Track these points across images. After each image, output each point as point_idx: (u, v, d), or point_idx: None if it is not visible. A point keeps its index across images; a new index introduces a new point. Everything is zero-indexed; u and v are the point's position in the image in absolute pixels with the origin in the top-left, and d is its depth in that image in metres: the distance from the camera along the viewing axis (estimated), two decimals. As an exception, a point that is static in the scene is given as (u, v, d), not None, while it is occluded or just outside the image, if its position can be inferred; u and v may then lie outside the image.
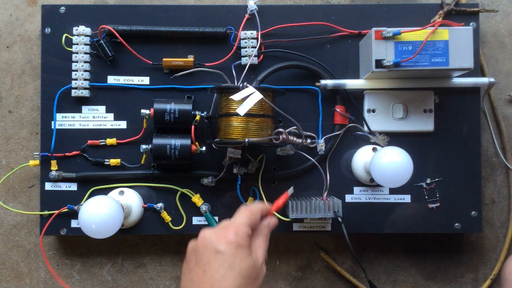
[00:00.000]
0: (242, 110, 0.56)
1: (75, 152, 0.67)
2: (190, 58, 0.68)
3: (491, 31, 0.73)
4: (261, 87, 0.61)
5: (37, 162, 0.67)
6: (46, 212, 0.67)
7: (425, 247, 0.72)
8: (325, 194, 0.64)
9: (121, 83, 0.68)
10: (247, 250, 0.45)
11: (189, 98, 0.68)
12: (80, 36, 0.67)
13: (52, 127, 0.67)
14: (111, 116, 0.68)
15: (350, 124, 0.67)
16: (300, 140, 0.63)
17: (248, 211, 0.49)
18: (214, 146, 0.65)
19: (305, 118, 0.67)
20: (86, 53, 0.67)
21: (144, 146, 0.64)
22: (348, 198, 0.68)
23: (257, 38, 0.67)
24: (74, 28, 0.67)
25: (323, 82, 0.66)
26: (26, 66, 0.72)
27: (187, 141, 0.63)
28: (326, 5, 0.72)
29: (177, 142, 0.63)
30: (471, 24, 0.68)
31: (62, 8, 0.68)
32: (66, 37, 0.67)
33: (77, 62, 0.67)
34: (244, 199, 0.66)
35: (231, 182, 0.66)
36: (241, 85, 0.59)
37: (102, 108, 0.68)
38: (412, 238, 0.72)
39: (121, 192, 0.67)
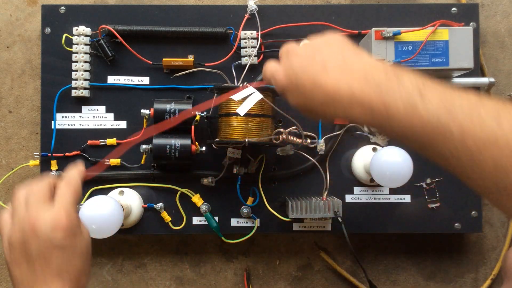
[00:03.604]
0: (242, 110, 0.55)
1: (75, 152, 0.67)
2: (190, 58, 0.68)
3: (491, 31, 0.73)
4: (261, 87, 0.61)
5: (37, 162, 0.67)
6: (46, 212, 0.67)
7: (425, 247, 0.72)
8: (325, 194, 0.64)
9: (121, 83, 0.68)
10: (79, 229, 0.44)
11: (189, 98, 0.68)
12: (80, 36, 0.67)
13: (52, 127, 0.67)
14: (111, 116, 0.68)
15: (350, 124, 0.67)
16: (300, 140, 0.64)
17: (73, 188, 0.45)
18: (214, 146, 0.65)
19: (305, 118, 0.67)
20: (86, 53, 0.67)
21: (144, 146, 0.64)
22: (348, 198, 0.68)
23: (257, 38, 0.67)
24: (74, 28, 0.67)
25: (323, 82, 0.66)
26: (26, 66, 0.72)
27: (187, 141, 0.63)
28: (326, 5, 0.72)
29: (177, 142, 0.63)
30: (471, 24, 0.68)
31: (62, 8, 0.68)
32: (66, 37, 0.67)
33: (77, 62, 0.67)
34: (244, 199, 0.66)
35: (231, 182, 0.66)
36: (241, 85, 0.59)
37: (102, 108, 0.68)
38: (412, 238, 0.72)
39: (121, 192, 0.67)
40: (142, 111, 0.65)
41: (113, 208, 0.59)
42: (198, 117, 0.64)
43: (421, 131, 0.37)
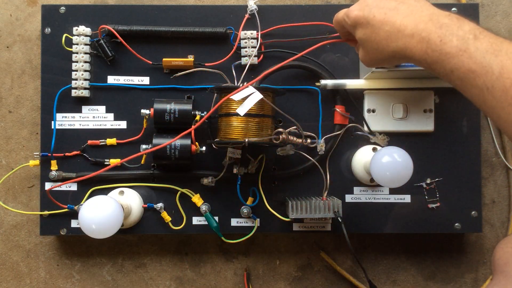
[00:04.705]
0: (242, 110, 0.55)
1: (75, 152, 0.67)
2: (190, 58, 0.68)
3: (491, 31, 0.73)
4: (261, 87, 0.61)
5: (37, 162, 0.67)
6: (46, 212, 0.67)
7: (425, 247, 0.72)
8: (325, 194, 0.64)
9: (121, 83, 0.68)
10: None
11: (189, 98, 0.68)
12: (80, 36, 0.67)
13: (52, 127, 0.67)
14: (111, 116, 0.68)
15: (350, 124, 0.67)
16: (300, 140, 0.64)
17: None
18: (214, 146, 0.65)
19: (305, 118, 0.67)
20: (86, 53, 0.67)
21: (144, 146, 0.64)
22: (348, 198, 0.68)
23: (257, 38, 0.67)
24: (74, 28, 0.67)
25: (323, 82, 0.66)
26: (26, 66, 0.72)
27: (187, 141, 0.63)
28: (326, 5, 0.72)
29: (177, 142, 0.63)
30: (471, 24, 0.68)
31: (62, 8, 0.68)
32: (66, 37, 0.67)
33: (77, 62, 0.67)
34: (244, 199, 0.66)
35: (231, 182, 0.66)
36: (241, 85, 0.59)
37: (102, 108, 0.68)
38: (412, 238, 0.72)
39: (121, 192, 0.67)
40: (142, 111, 0.65)
41: (113, 208, 0.59)
42: (198, 117, 0.64)
43: (467, 67, 0.42)
